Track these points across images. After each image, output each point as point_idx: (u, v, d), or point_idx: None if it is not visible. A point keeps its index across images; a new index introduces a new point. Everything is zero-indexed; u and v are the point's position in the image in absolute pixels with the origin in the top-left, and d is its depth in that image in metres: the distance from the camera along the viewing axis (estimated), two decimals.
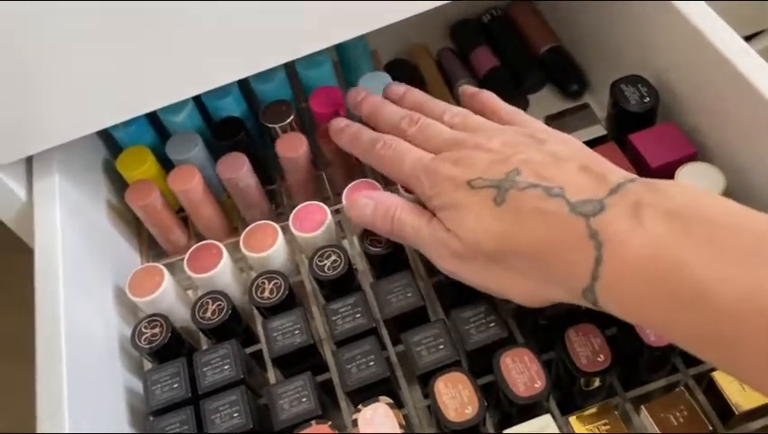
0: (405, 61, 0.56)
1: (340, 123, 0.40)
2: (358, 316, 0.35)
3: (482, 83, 0.54)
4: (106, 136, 0.46)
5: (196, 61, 0.36)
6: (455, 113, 0.37)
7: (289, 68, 0.47)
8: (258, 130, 0.48)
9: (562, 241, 0.28)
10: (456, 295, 0.34)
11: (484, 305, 0.34)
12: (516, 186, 0.30)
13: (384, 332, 0.37)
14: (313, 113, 0.45)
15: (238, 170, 0.42)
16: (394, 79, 0.55)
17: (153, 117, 0.46)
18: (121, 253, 0.44)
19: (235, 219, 0.47)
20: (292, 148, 0.42)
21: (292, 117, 0.44)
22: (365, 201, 0.36)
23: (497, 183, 0.31)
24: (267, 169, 0.47)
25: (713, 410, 0.32)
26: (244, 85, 0.47)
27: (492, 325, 0.33)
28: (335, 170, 0.45)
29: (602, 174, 0.29)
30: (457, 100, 0.54)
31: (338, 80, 0.49)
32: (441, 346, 0.33)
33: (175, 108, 0.45)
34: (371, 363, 0.33)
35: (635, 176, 0.29)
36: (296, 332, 0.35)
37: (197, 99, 0.46)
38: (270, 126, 0.44)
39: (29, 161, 0.40)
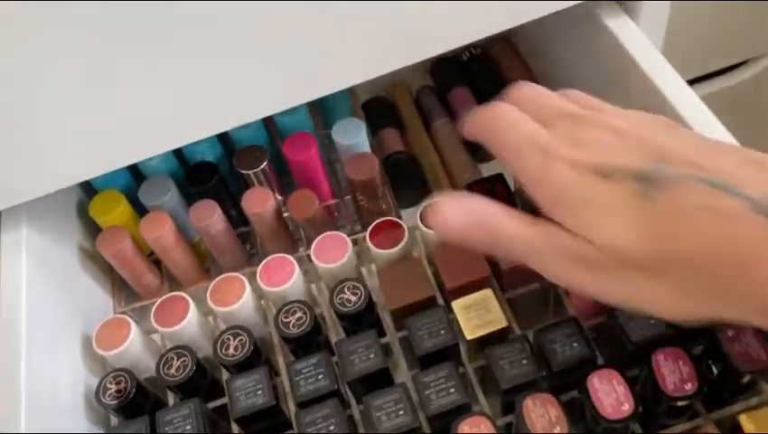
0: (383, 99, 0.56)
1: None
2: (321, 376, 0.35)
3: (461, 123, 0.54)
4: None
5: (172, 117, 0.36)
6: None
7: None
8: (233, 173, 0.48)
9: (746, 250, 0.23)
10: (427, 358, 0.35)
11: (446, 369, 0.34)
12: (669, 179, 0.24)
13: (349, 390, 0.37)
14: (287, 160, 0.45)
15: (209, 218, 0.42)
16: (372, 117, 0.55)
17: None
18: (93, 298, 0.44)
19: (207, 260, 0.47)
20: (258, 204, 0.42)
21: (265, 163, 0.44)
22: (453, 211, 0.29)
23: (642, 175, 0.25)
24: (241, 212, 0.47)
25: None
26: None
27: (453, 390, 0.33)
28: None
29: (747, 153, 0.25)
30: (433, 140, 0.55)
31: (315, 123, 0.49)
32: (401, 412, 0.33)
33: None
34: (332, 427, 0.33)
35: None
36: (259, 392, 0.35)
37: None
38: (243, 172, 0.44)
39: None
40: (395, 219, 0.40)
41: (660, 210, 0.24)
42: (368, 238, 0.40)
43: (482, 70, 0.56)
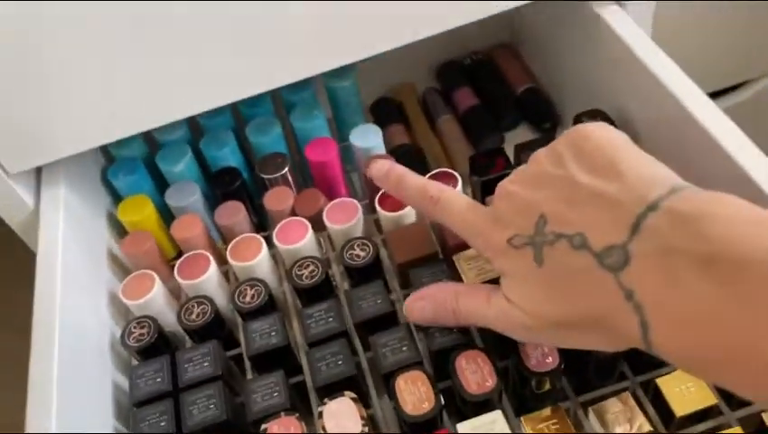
0: (390, 99, 0.60)
1: (380, 168, 0.38)
2: (330, 319, 0.38)
3: (463, 120, 0.58)
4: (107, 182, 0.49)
5: (202, 81, 0.40)
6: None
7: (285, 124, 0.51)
8: (254, 182, 0.51)
9: (602, 306, 0.26)
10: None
11: None
12: (547, 240, 0.27)
13: (357, 341, 0.40)
14: (308, 162, 0.48)
15: (235, 217, 0.45)
16: (380, 116, 0.59)
17: (152, 168, 0.49)
18: (116, 267, 0.47)
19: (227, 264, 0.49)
20: (279, 202, 0.45)
21: (287, 169, 0.47)
22: (421, 304, 0.35)
23: (530, 240, 0.28)
24: (262, 218, 0.50)
25: (657, 415, 0.34)
26: (240, 138, 0.51)
27: (454, 329, 0.36)
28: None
29: (616, 201, 0.25)
30: (438, 134, 0.59)
31: (332, 134, 0.52)
32: (404, 348, 0.36)
33: (174, 158, 0.48)
34: (340, 363, 0.36)
35: (655, 198, 0.24)
36: (273, 334, 0.38)
37: (195, 150, 0.50)
38: (265, 177, 0.47)
39: (38, 172, 0.43)
40: None
41: (548, 273, 0.27)
42: (376, 203, 0.43)
43: (483, 72, 0.61)
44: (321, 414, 0.34)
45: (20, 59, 0.36)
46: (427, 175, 0.44)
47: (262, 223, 0.50)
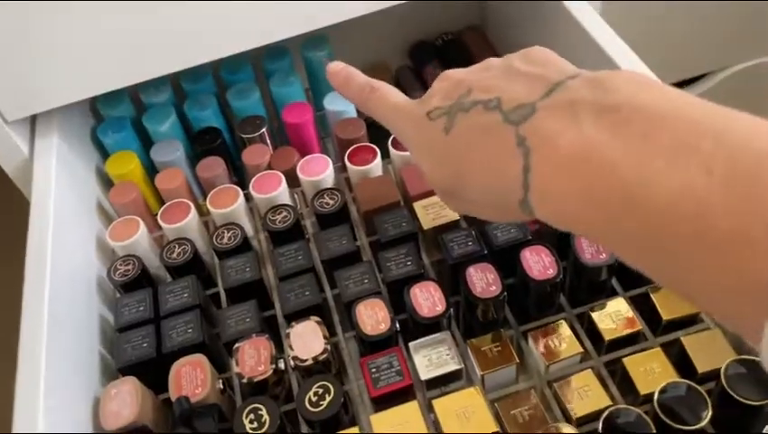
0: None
1: (337, 66, 0.37)
2: (300, 258, 0.42)
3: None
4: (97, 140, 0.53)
5: (183, 40, 0.44)
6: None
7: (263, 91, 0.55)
8: (234, 145, 0.54)
9: (494, 156, 0.26)
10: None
11: (406, 247, 0.40)
12: (463, 108, 0.27)
13: (324, 278, 0.43)
14: (285, 124, 0.52)
15: (215, 170, 0.49)
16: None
17: (139, 127, 0.53)
18: (104, 219, 0.51)
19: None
20: (256, 157, 0.49)
21: (264, 129, 0.51)
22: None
23: (448, 109, 0.28)
24: (241, 179, 0.53)
25: (589, 341, 0.39)
26: (222, 105, 0.55)
27: (410, 263, 0.40)
28: None
29: (541, 76, 0.26)
30: None
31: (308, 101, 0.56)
32: (366, 281, 0.40)
33: (160, 118, 0.52)
34: (307, 293, 0.40)
35: (581, 72, 0.26)
36: (247, 270, 0.42)
37: (179, 112, 0.53)
38: (245, 136, 0.51)
39: (33, 125, 0.47)
40: (370, 144, 0.48)
41: (453, 138, 0.27)
42: (346, 158, 0.47)
43: (453, 51, 0.65)
44: (288, 335, 0.37)
45: (17, 12, 0.40)
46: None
47: (241, 184, 0.54)
